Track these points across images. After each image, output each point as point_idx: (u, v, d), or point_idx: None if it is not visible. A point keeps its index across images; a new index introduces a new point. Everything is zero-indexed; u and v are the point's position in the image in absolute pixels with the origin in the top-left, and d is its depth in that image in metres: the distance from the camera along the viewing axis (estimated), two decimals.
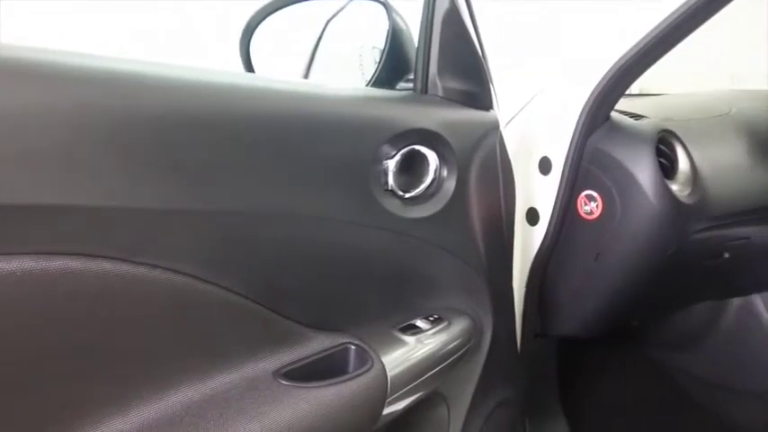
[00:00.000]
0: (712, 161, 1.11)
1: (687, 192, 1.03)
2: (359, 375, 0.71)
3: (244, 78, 0.76)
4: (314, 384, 0.68)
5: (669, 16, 0.88)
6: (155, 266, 0.57)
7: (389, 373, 0.74)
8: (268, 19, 1.10)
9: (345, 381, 0.70)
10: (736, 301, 1.49)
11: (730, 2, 0.86)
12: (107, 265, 0.54)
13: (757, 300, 1.45)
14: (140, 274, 0.56)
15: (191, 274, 0.60)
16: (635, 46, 0.93)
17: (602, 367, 1.69)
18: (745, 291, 1.45)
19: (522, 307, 1.10)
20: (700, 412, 1.58)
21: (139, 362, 0.59)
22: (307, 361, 0.71)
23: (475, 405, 0.95)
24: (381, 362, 0.74)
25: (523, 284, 1.10)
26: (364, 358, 0.74)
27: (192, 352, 0.63)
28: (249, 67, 1.09)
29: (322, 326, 0.75)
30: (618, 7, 1.01)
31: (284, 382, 0.67)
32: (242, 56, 1.08)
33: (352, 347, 0.75)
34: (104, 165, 0.54)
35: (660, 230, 1.00)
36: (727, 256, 1.22)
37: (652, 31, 0.90)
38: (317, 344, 0.74)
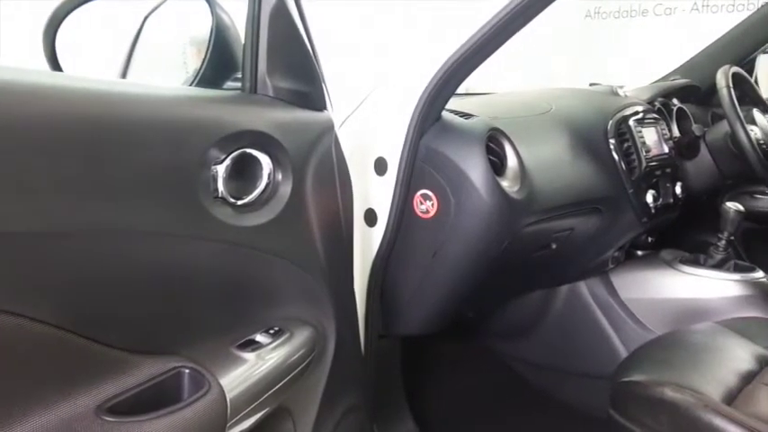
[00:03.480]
0: (538, 157, 1.17)
1: (516, 188, 1.07)
2: (194, 401, 0.66)
3: (48, 77, 0.69)
4: (144, 417, 0.62)
5: (493, 19, 0.91)
6: None
7: (229, 395, 0.70)
8: (77, 11, 0.99)
9: (180, 409, 0.65)
10: (563, 289, 1.59)
11: (549, 5, 0.90)
12: None
13: (582, 286, 1.55)
14: None
15: None
16: (462, 46, 0.95)
17: (444, 361, 1.74)
18: (571, 278, 1.56)
19: (364, 310, 1.09)
20: (538, 397, 1.67)
21: None
22: (134, 391, 0.65)
23: (321, 416, 0.93)
24: (219, 384, 0.70)
25: (365, 287, 1.09)
26: (200, 382, 0.69)
27: None
28: (55, 64, 0.98)
29: (149, 350, 0.68)
30: (447, 8, 1.03)
31: (109, 419, 0.61)
32: (46, 52, 0.97)
33: (186, 371, 0.70)
34: None
35: (493, 226, 1.03)
36: (554, 246, 1.29)
37: (478, 32, 0.93)
38: (145, 371, 0.67)
